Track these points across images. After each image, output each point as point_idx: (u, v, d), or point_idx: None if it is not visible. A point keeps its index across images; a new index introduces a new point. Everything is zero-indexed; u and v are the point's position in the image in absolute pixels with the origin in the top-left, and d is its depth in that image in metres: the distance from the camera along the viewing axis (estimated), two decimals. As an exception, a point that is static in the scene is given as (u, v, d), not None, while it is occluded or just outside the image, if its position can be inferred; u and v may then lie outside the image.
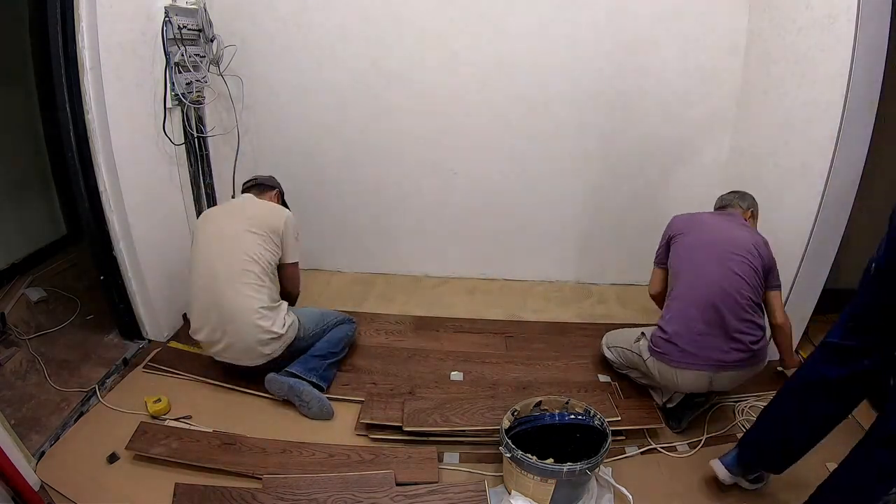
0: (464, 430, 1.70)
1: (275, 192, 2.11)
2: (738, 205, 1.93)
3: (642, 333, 1.84)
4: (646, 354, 1.76)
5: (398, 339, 2.29)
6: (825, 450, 1.72)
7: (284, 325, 1.82)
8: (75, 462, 1.59)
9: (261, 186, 2.07)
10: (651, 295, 2.03)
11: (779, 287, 1.75)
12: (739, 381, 1.72)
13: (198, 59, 2.13)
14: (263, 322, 1.77)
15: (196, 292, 1.82)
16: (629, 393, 1.93)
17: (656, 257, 1.99)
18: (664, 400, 1.81)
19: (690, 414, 1.77)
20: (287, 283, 1.99)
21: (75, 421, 1.75)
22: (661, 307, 1.95)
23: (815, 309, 2.10)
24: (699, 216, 1.90)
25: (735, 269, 1.67)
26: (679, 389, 1.75)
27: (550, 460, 1.38)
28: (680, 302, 1.71)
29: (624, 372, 1.98)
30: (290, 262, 1.95)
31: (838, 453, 1.72)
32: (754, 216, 1.95)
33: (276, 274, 1.91)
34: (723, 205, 1.98)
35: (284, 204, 2.14)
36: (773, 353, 2.20)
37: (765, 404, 1.88)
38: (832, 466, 1.65)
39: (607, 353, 2.02)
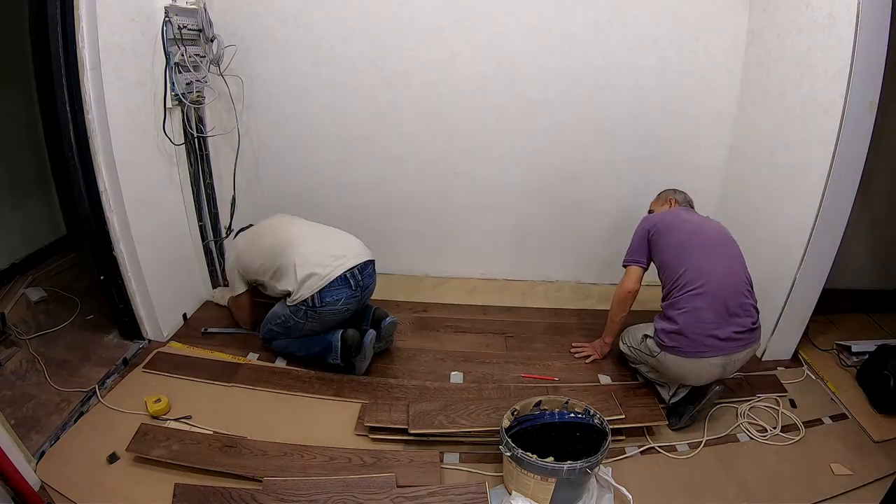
0: (468, 432, 1.70)
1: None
2: (691, 202, 2.11)
3: (645, 335, 1.86)
4: (656, 350, 1.77)
5: (398, 339, 2.28)
6: (827, 451, 1.74)
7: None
8: (75, 462, 1.59)
9: None
10: (627, 292, 1.97)
11: None
12: (743, 363, 1.76)
13: (198, 59, 2.13)
14: None
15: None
16: (629, 392, 1.93)
17: (633, 255, 1.98)
18: (670, 394, 1.83)
19: (692, 409, 1.77)
20: None
21: (75, 421, 1.75)
22: (628, 307, 1.99)
23: (815, 309, 2.10)
24: (673, 211, 2.02)
25: (730, 256, 1.79)
26: (689, 382, 1.77)
27: (550, 459, 1.38)
28: (686, 294, 1.72)
29: (635, 367, 2.00)
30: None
31: (840, 453, 1.73)
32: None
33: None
34: (687, 200, 2.12)
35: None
36: (778, 354, 2.22)
37: (764, 405, 1.91)
38: (836, 467, 1.66)
39: (621, 347, 2.05)
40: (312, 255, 1.92)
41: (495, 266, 2.85)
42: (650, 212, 2.15)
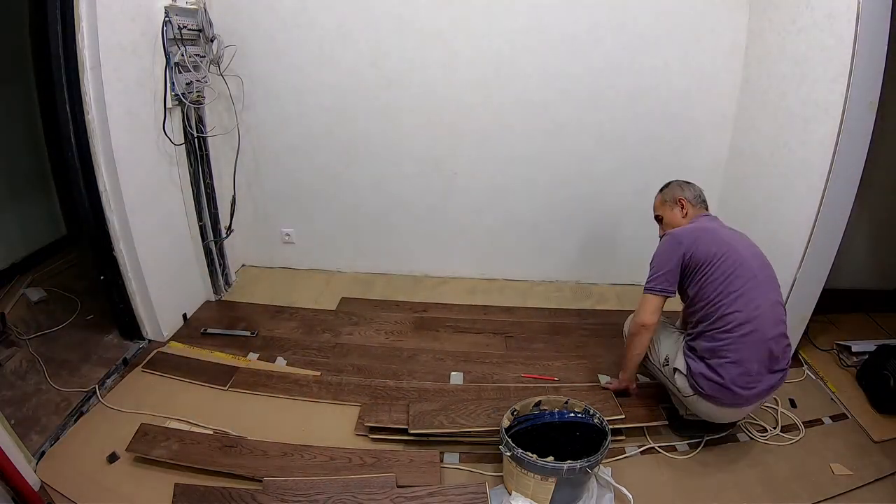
0: (468, 432, 1.70)
1: None
2: (701, 196, 1.84)
3: (675, 368, 1.66)
4: (687, 392, 1.62)
5: (398, 339, 2.29)
6: (829, 451, 1.74)
7: None
8: (75, 462, 1.59)
9: None
10: (641, 325, 1.68)
11: None
12: None
13: (198, 59, 2.13)
14: None
15: None
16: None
17: (659, 282, 1.65)
18: (687, 412, 1.74)
19: (703, 435, 1.75)
20: None
21: (75, 421, 1.75)
22: (645, 345, 1.73)
23: (815, 309, 2.10)
24: (701, 227, 1.70)
25: (773, 288, 1.61)
26: (715, 422, 1.70)
27: (550, 459, 1.38)
28: (732, 340, 1.53)
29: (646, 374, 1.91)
30: None
31: (842, 453, 1.73)
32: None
33: None
34: (698, 197, 1.83)
35: None
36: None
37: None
38: (836, 467, 1.66)
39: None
40: None
41: (495, 266, 2.86)
42: (658, 218, 1.90)
